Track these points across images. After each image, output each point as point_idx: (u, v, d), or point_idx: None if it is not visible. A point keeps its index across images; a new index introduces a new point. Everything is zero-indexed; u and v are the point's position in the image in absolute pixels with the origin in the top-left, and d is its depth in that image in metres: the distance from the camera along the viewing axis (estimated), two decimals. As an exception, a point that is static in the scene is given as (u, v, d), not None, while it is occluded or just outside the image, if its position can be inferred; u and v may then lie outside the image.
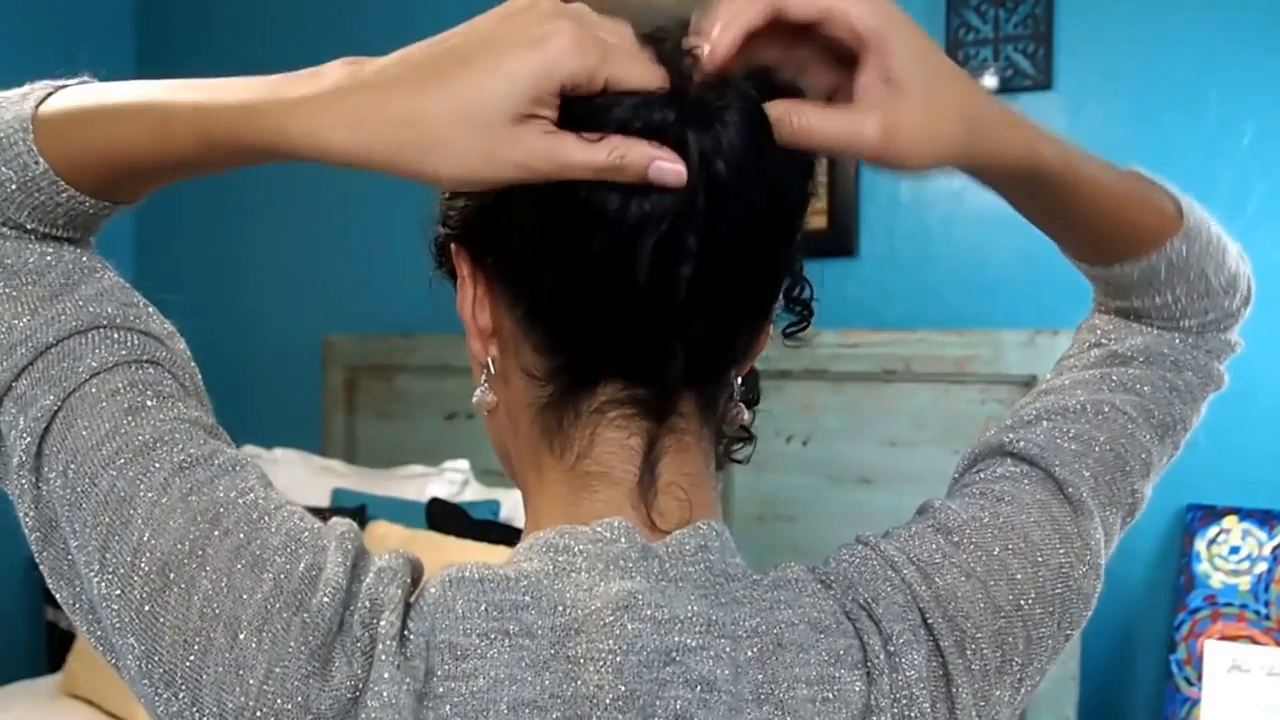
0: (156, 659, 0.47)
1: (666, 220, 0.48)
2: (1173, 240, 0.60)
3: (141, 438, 0.50)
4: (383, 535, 1.99)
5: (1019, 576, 0.55)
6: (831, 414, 2.09)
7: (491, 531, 2.01)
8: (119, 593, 0.48)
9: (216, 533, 0.48)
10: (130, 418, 0.50)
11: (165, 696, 0.47)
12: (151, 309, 0.55)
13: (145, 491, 0.49)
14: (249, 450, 2.50)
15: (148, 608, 0.47)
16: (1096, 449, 0.60)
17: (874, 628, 0.51)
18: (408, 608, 0.48)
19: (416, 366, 2.56)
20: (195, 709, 0.46)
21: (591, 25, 0.46)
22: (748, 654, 0.49)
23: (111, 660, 0.50)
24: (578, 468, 0.54)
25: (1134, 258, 0.61)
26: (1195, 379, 0.64)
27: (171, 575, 0.48)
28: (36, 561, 0.52)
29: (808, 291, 0.58)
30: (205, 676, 0.46)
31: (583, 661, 0.47)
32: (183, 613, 0.47)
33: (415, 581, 0.50)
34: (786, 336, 0.59)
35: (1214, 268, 0.62)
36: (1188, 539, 1.84)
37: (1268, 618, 1.76)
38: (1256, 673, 1.72)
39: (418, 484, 2.30)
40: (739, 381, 0.58)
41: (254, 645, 0.46)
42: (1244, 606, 1.77)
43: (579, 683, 0.47)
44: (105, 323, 0.52)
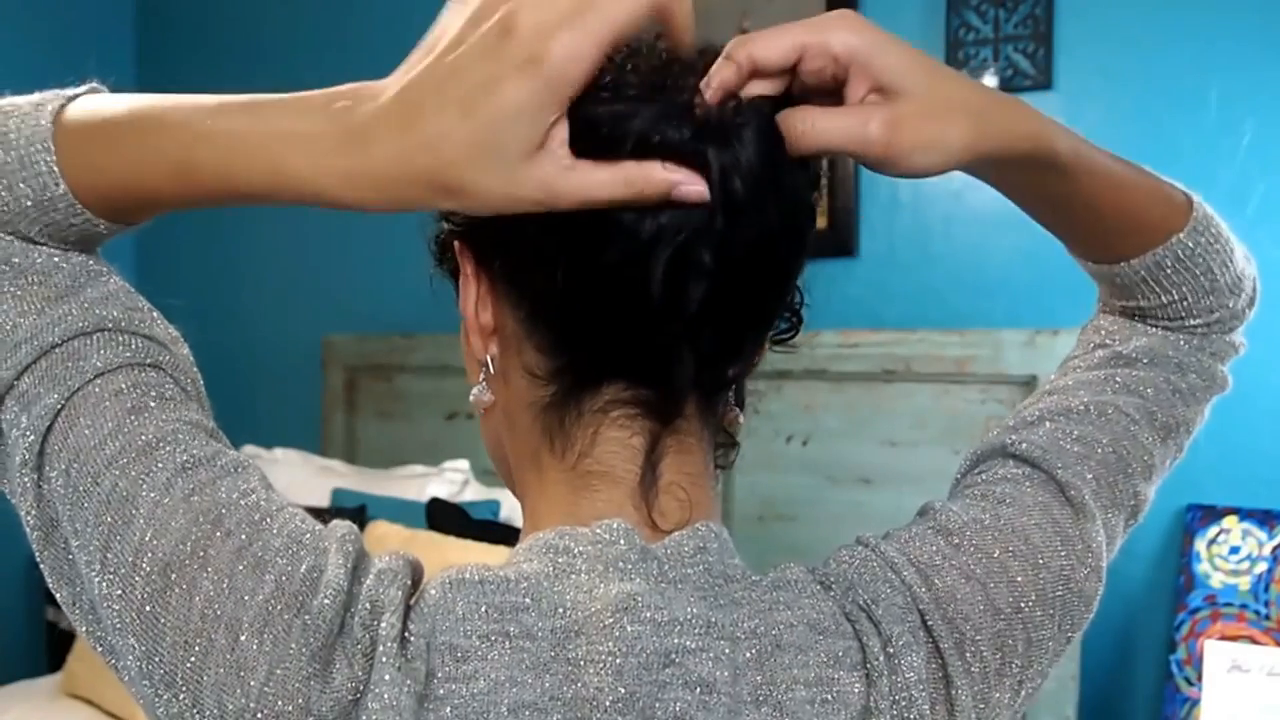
0: (157, 660, 0.47)
1: (683, 234, 0.48)
2: (1180, 233, 0.60)
3: (144, 438, 0.50)
4: (383, 535, 1.99)
5: (1019, 579, 0.55)
6: (831, 414, 2.09)
7: (491, 531, 2.02)
8: (120, 592, 0.48)
9: (219, 534, 0.48)
10: (133, 418, 0.50)
11: (166, 698, 0.47)
12: (156, 314, 0.55)
13: (148, 491, 0.49)
14: (249, 450, 2.50)
15: (149, 608, 0.47)
16: (1099, 451, 0.59)
17: (873, 629, 0.51)
18: (408, 610, 0.48)
19: (416, 366, 2.56)
20: (196, 710, 0.46)
21: None
22: (746, 655, 0.49)
23: (111, 661, 0.50)
24: (579, 467, 0.54)
25: (1140, 252, 0.60)
26: (1199, 381, 0.64)
27: (173, 575, 0.47)
28: (37, 560, 0.52)
29: (799, 299, 0.58)
30: (206, 678, 0.46)
31: (583, 664, 0.47)
32: (184, 613, 0.47)
33: (416, 583, 0.50)
34: (775, 343, 0.59)
35: (1220, 265, 0.62)
36: (1188, 539, 1.84)
37: (1268, 618, 1.76)
38: (1256, 673, 1.72)
39: (418, 484, 2.30)
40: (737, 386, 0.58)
41: (255, 647, 0.46)
42: (1244, 606, 1.77)
43: (579, 685, 0.47)
44: (110, 325, 0.52)
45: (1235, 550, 1.80)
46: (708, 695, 0.48)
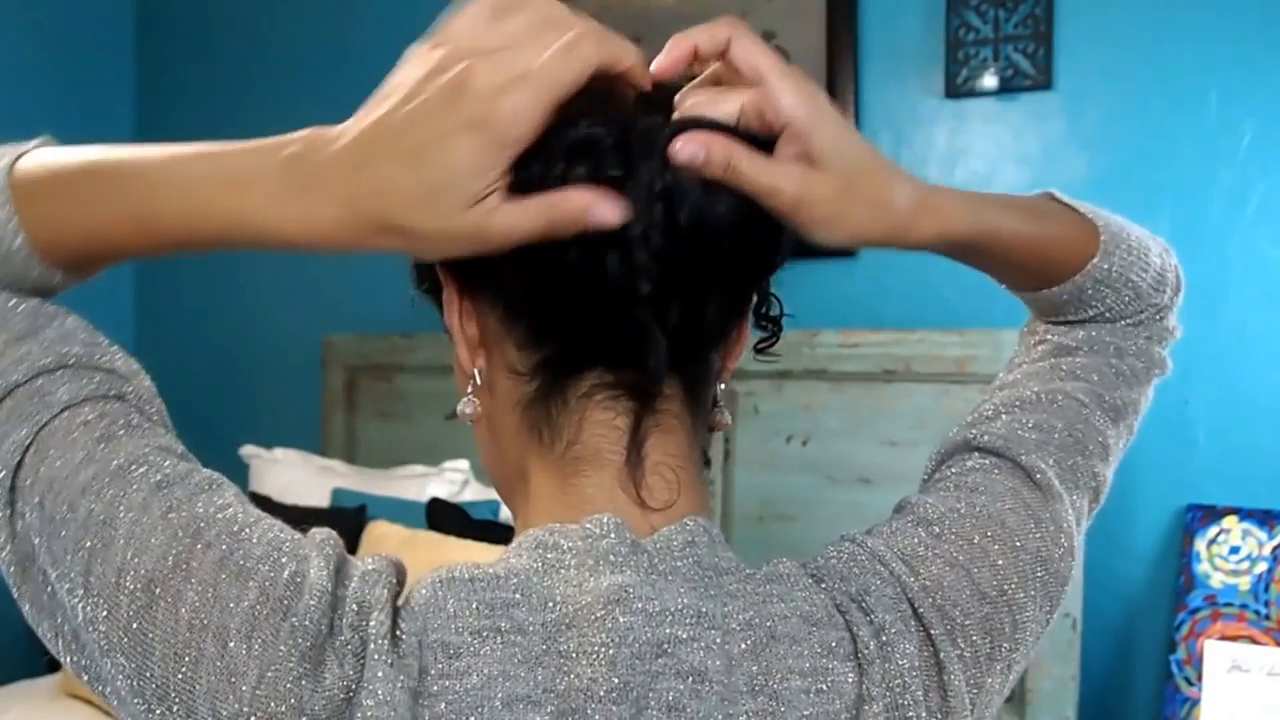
0: (148, 675, 0.48)
1: (629, 227, 0.49)
2: (1092, 260, 0.63)
3: (116, 462, 0.51)
4: (383, 535, 1.99)
5: (1000, 562, 0.56)
6: (831, 414, 2.09)
7: (491, 531, 2.02)
8: (105, 613, 0.48)
9: (199, 546, 0.49)
10: (103, 445, 0.51)
11: (159, 712, 0.48)
12: (115, 348, 0.56)
13: (125, 512, 0.49)
14: (249, 450, 2.50)
15: (136, 625, 0.48)
16: (1056, 436, 0.62)
17: (865, 619, 0.52)
18: (397, 608, 0.49)
19: (416, 366, 2.56)
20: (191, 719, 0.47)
21: (498, 47, 0.47)
22: (741, 646, 0.50)
23: (99, 688, 0.51)
24: (567, 454, 0.55)
25: (1060, 282, 0.64)
26: (1139, 364, 0.67)
27: (157, 590, 0.48)
28: (15, 598, 0.53)
29: (777, 308, 0.59)
30: (199, 687, 0.47)
31: (575, 656, 0.48)
32: (171, 626, 0.48)
33: (400, 583, 0.51)
34: (758, 352, 0.61)
35: (1138, 272, 0.65)
36: (1188, 539, 1.84)
37: (1268, 618, 1.76)
38: (1256, 673, 1.72)
39: (418, 484, 2.30)
40: (721, 385, 0.59)
41: (244, 652, 0.47)
42: (1244, 606, 1.77)
43: (572, 676, 0.48)
44: (72, 362, 0.53)
45: (1235, 550, 1.80)
46: (700, 684, 0.48)
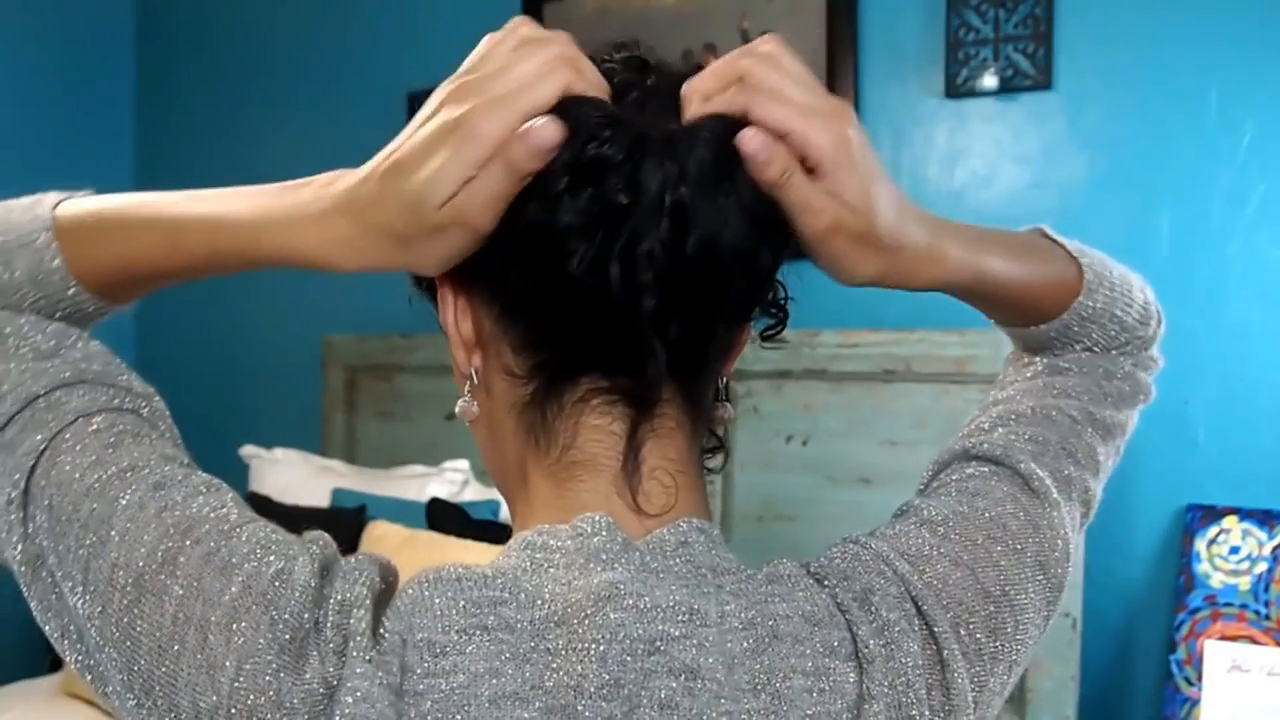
0: (136, 669, 0.49)
1: (632, 239, 0.49)
2: (1078, 299, 0.65)
3: (120, 466, 0.53)
4: (383, 535, 1.99)
5: (1003, 563, 0.57)
6: (831, 414, 2.09)
7: (491, 531, 2.02)
8: (100, 609, 0.50)
9: (188, 543, 0.50)
10: (110, 450, 0.53)
11: (146, 706, 0.48)
12: (133, 372, 0.58)
13: (122, 510, 0.51)
14: (249, 450, 2.50)
15: (125, 619, 0.49)
16: (1050, 448, 0.63)
17: (867, 618, 0.52)
18: (380, 606, 0.49)
19: (416, 366, 2.56)
20: (173, 714, 0.48)
21: (487, 91, 0.49)
22: (743, 645, 0.50)
23: (99, 687, 0.52)
24: (563, 459, 0.55)
25: (1046, 320, 0.67)
26: (1125, 387, 0.68)
27: (146, 585, 0.49)
28: (25, 598, 0.54)
29: (782, 294, 0.59)
30: (180, 680, 0.47)
31: (564, 652, 0.48)
32: (157, 620, 0.48)
33: (386, 580, 0.51)
34: (764, 340, 0.61)
35: (1122, 308, 0.67)
36: (1188, 539, 1.84)
37: (1268, 618, 1.76)
38: (1256, 673, 1.72)
39: (418, 484, 2.30)
40: (724, 381, 0.59)
41: (223, 645, 0.47)
42: (1244, 606, 1.77)
43: (561, 673, 0.48)
44: (90, 378, 0.56)
45: (1235, 550, 1.80)
46: (693, 682, 0.49)
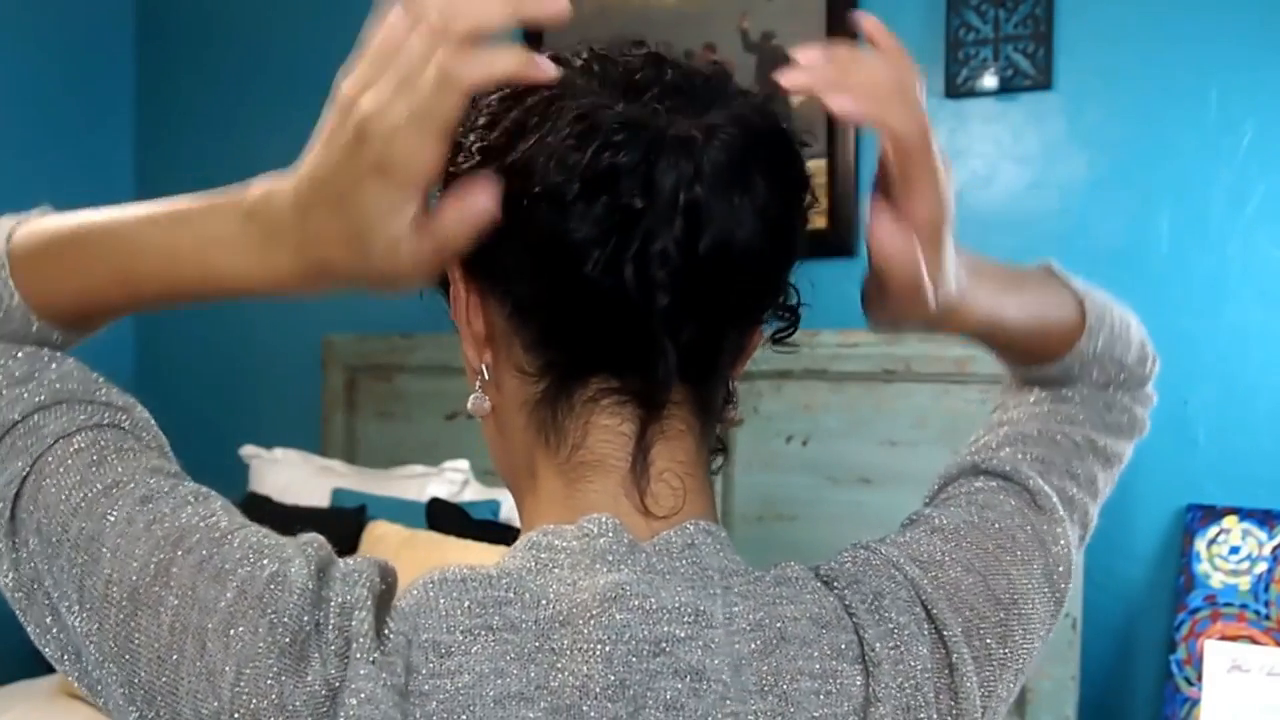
0: (136, 682, 0.48)
1: (646, 242, 0.49)
2: (1078, 343, 0.67)
3: (105, 482, 0.52)
4: (383, 535, 1.99)
5: (1013, 573, 0.58)
6: (831, 414, 2.09)
7: (491, 531, 2.02)
8: (96, 626, 0.50)
9: (180, 553, 0.50)
10: (94, 469, 0.53)
11: (150, 715, 0.48)
12: (111, 385, 0.58)
13: (111, 527, 0.51)
14: (249, 450, 2.50)
15: (123, 633, 0.49)
16: (1056, 469, 0.65)
17: (875, 621, 0.52)
18: (381, 608, 0.49)
19: (416, 366, 2.56)
20: None
21: (385, 80, 0.46)
22: (751, 647, 0.50)
23: (102, 702, 0.52)
24: (572, 459, 0.55)
25: (1049, 361, 0.68)
26: (1124, 420, 0.70)
27: (141, 598, 0.49)
28: (22, 623, 0.54)
29: (794, 298, 0.59)
30: (181, 689, 0.47)
31: (570, 652, 0.48)
32: (154, 631, 0.48)
33: (386, 582, 0.51)
34: (775, 342, 0.60)
35: (1122, 349, 0.69)
36: (1188, 539, 1.84)
37: (1268, 618, 1.76)
38: (1256, 673, 1.72)
39: (418, 484, 2.30)
40: (733, 383, 0.59)
41: (222, 651, 0.47)
42: (1244, 606, 1.77)
43: (566, 674, 0.48)
44: (67, 397, 0.55)
45: (1235, 550, 1.80)
46: (698, 683, 0.48)
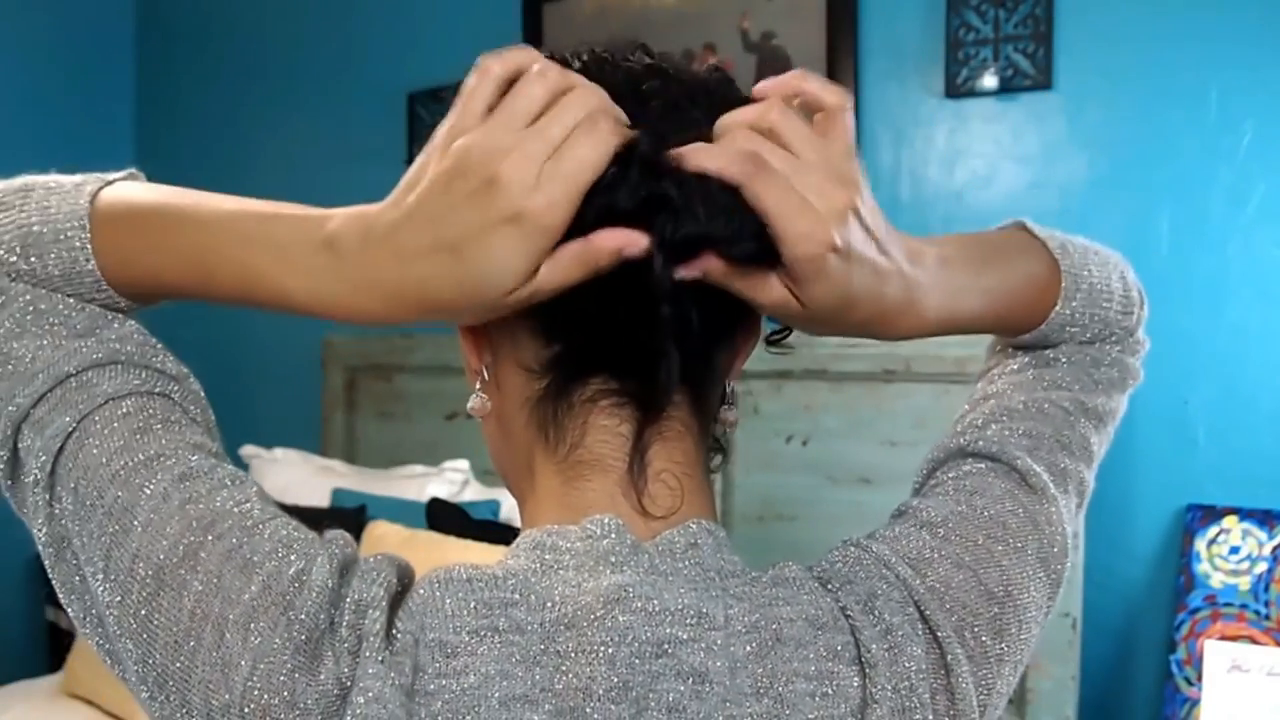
0: (151, 662, 0.48)
1: (655, 245, 0.49)
2: (1055, 309, 0.65)
3: (147, 453, 0.52)
4: (383, 535, 1.99)
5: (1005, 563, 0.57)
6: (831, 414, 2.09)
7: (491, 531, 2.02)
8: (119, 599, 0.49)
9: (210, 538, 0.50)
10: (138, 437, 0.53)
11: (160, 699, 0.48)
12: (168, 352, 0.57)
13: (146, 500, 0.51)
14: (249, 450, 2.50)
15: (144, 611, 0.49)
16: (1045, 441, 0.63)
17: (871, 622, 0.52)
18: (395, 608, 0.49)
19: (416, 366, 2.56)
20: (185, 710, 0.48)
21: (518, 138, 0.48)
22: (746, 649, 0.50)
23: (118, 671, 0.52)
24: (571, 458, 0.55)
25: (1026, 331, 0.66)
26: (1115, 374, 0.68)
27: (165, 578, 0.49)
28: (50, 578, 0.54)
29: None
30: (194, 676, 0.47)
31: (574, 655, 0.48)
32: (175, 614, 0.48)
33: (403, 582, 0.51)
34: (770, 344, 0.61)
35: (1103, 304, 0.66)
36: (1188, 539, 1.84)
37: (1268, 618, 1.76)
38: (1256, 673, 1.72)
39: (418, 484, 2.30)
40: (730, 384, 0.59)
41: (240, 644, 0.47)
42: (1244, 606, 1.77)
43: (571, 676, 0.48)
44: (123, 359, 0.55)
45: (1235, 550, 1.80)
46: (700, 685, 0.48)
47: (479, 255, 0.48)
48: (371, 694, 0.46)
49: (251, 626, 0.47)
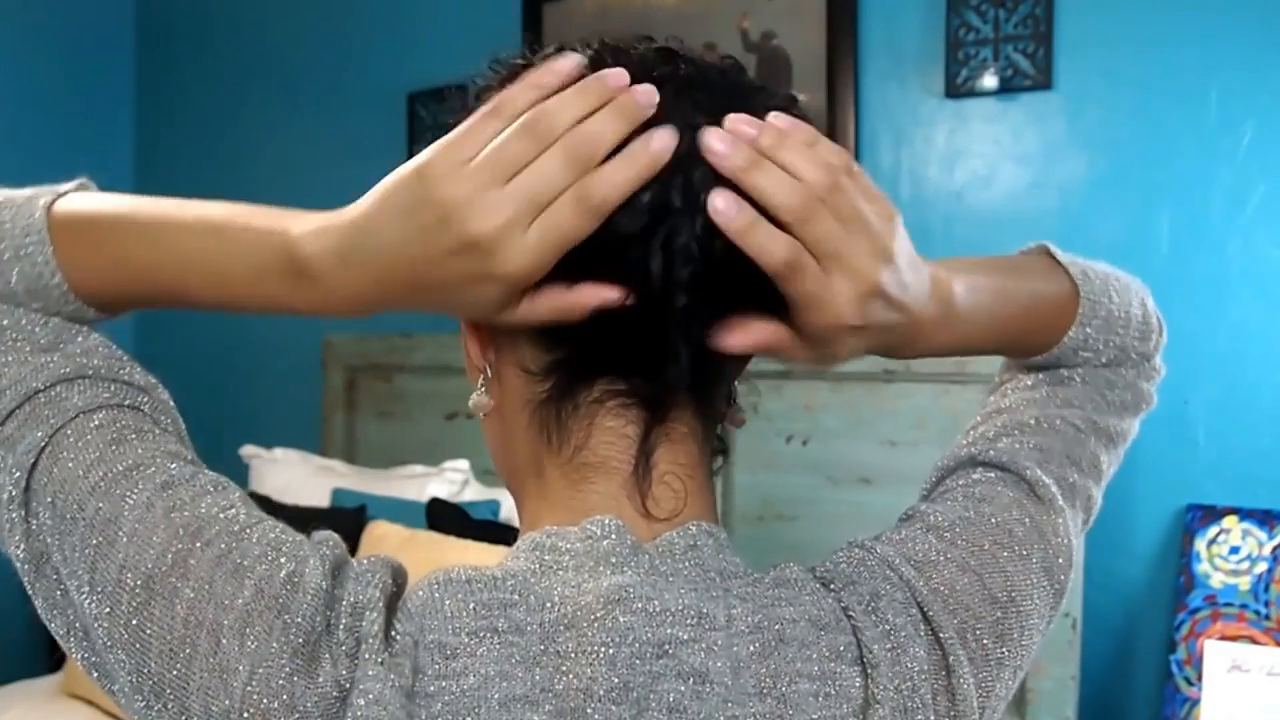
0: (145, 672, 0.48)
1: (667, 240, 0.49)
2: (1068, 334, 0.65)
3: (125, 463, 0.52)
4: (382, 535, 1.99)
5: (1009, 569, 0.57)
6: (831, 414, 2.09)
7: (491, 531, 2.02)
8: (108, 610, 0.49)
9: (198, 545, 0.49)
10: (114, 448, 0.52)
11: (156, 709, 0.48)
12: (135, 364, 0.57)
13: (129, 511, 0.50)
14: (249, 450, 2.50)
15: (135, 621, 0.49)
16: (1055, 456, 0.63)
17: (873, 623, 0.52)
18: (391, 609, 0.49)
19: (416, 366, 2.56)
20: (184, 717, 0.47)
21: (504, 189, 0.47)
22: (749, 649, 0.50)
23: (106, 685, 0.51)
24: (575, 459, 0.55)
25: (1041, 352, 0.67)
26: (1128, 397, 0.68)
27: (155, 587, 0.49)
28: (29, 595, 0.53)
29: None
30: (192, 683, 0.47)
31: (574, 655, 0.48)
32: (168, 623, 0.48)
33: (398, 583, 0.51)
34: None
35: (1120, 330, 0.66)
36: (1188, 539, 1.84)
37: (1268, 618, 1.76)
38: (1256, 673, 1.72)
39: (418, 484, 2.30)
40: (735, 384, 0.59)
41: (236, 649, 0.47)
42: (1244, 606, 1.77)
43: (571, 676, 0.48)
44: (90, 373, 0.54)
45: (1235, 550, 1.80)
46: (701, 685, 0.48)
47: (455, 297, 0.50)
48: (372, 696, 0.46)
49: (247, 631, 0.47)
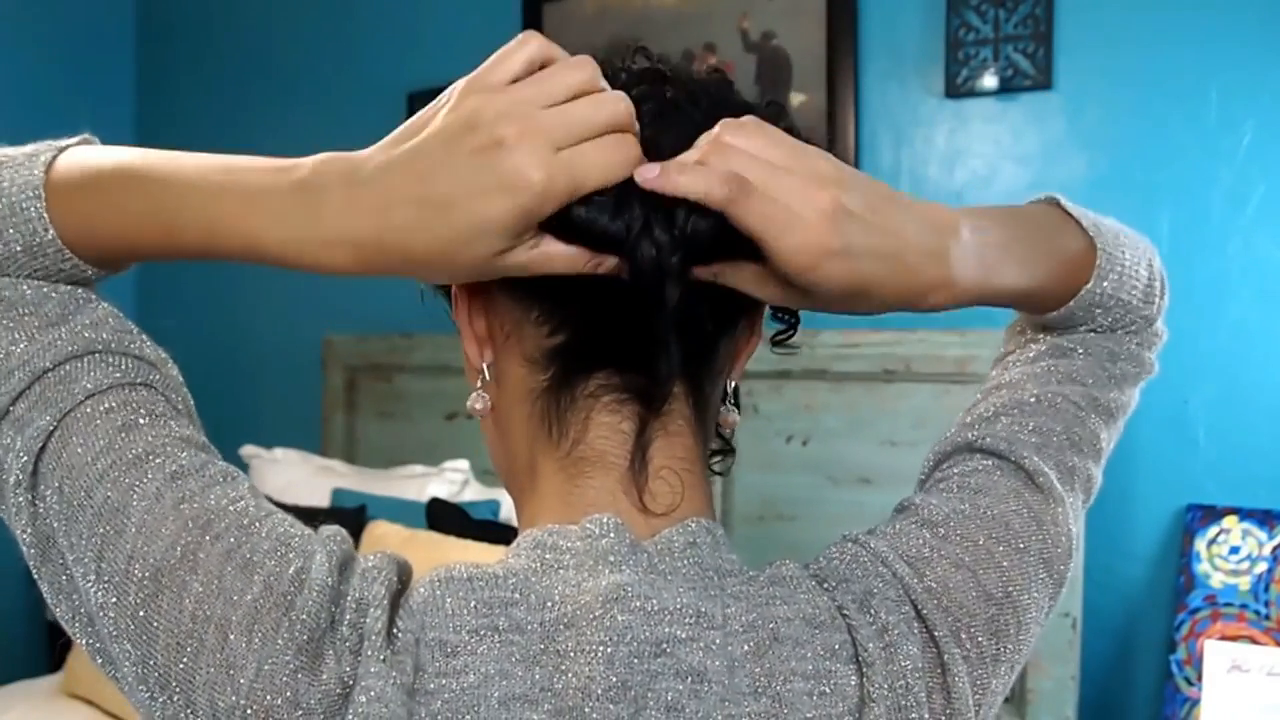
0: (151, 663, 0.48)
1: (661, 236, 0.50)
2: (1085, 287, 0.63)
3: (134, 451, 0.51)
4: (382, 535, 1.99)
5: (1005, 564, 0.57)
6: (831, 414, 2.09)
7: (491, 531, 2.02)
8: (115, 600, 0.49)
9: (207, 538, 0.49)
10: (124, 434, 0.52)
11: (161, 700, 0.48)
12: (145, 336, 0.56)
13: (138, 500, 0.50)
14: (249, 450, 2.50)
15: (142, 613, 0.48)
16: (1055, 439, 0.62)
17: (867, 621, 0.52)
18: (395, 606, 0.49)
19: (416, 366, 2.56)
20: (189, 710, 0.47)
21: (535, 109, 0.47)
22: (744, 648, 0.50)
23: (110, 671, 0.51)
24: (573, 454, 0.55)
25: (1055, 309, 0.64)
26: (1130, 368, 0.67)
27: (164, 580, 0.49)
28: (35, 579, 0.53)
29: None
30: (198, 678, 0.47)
31: (573, 655, 0.48)
32: (175, 616, 0.48)
33: (403, 581, 0.51)
34: (774, 344, 0.61)
35: (1129, 290, 0.64)
36: (1188, 539, 1.84)
37: (1268, 618, 1.76)
38: (1256, 673, 1.72)
39: (418, 484, 2.30)
40: (732, 385, 0.59)
41: (244, 645, 0.47)
42: (1244, 606, 1.77)
43: (570, 675, 0.48)
44: (100, 348, 0.53)
45: (1235, 550, 1.80)
46: (699, 684, 0.49)
47: (464, 214, 0.47)
48: (373, 693, 0.46)
49: (255, 628, 0.47)
